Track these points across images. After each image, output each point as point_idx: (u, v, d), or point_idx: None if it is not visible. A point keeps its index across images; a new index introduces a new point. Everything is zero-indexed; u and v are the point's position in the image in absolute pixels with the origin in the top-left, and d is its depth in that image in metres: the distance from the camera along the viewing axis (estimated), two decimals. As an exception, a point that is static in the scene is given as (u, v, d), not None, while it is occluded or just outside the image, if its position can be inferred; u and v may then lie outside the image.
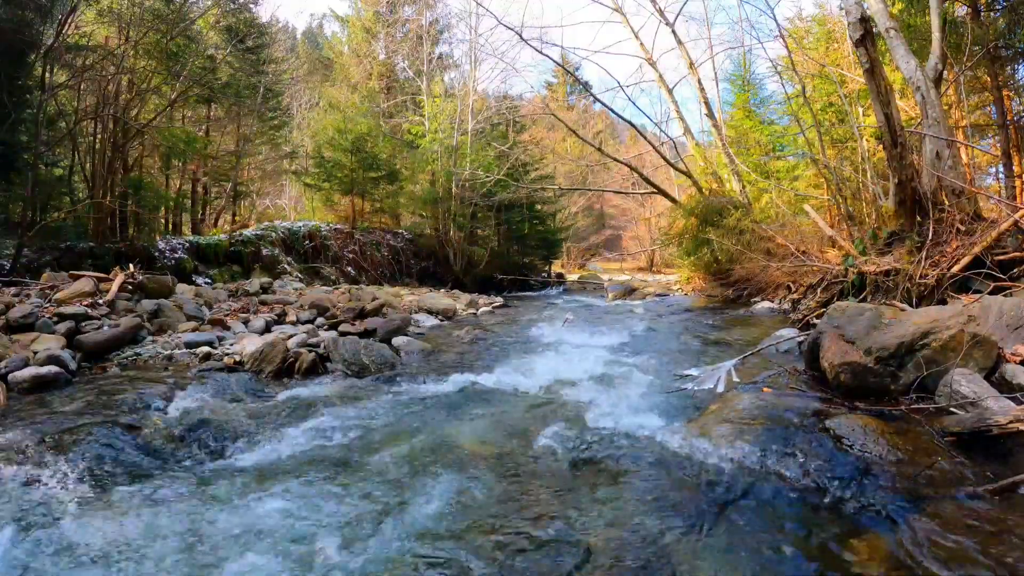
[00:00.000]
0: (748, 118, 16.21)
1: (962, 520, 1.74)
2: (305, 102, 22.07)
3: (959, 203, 5.30)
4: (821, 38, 13.13)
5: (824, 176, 9.25)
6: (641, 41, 12.74)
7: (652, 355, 4.74)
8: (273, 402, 3.39)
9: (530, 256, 17.49)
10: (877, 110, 5.54)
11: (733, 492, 2.04)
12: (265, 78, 14.16)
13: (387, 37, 20.86)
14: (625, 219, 32.12)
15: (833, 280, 6.31)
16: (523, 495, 2.11)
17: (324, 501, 2.07)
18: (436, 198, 14.89)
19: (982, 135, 10.79)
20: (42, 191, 7.93)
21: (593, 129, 28.87)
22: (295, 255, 11.83)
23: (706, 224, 10.64)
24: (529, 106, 21.65)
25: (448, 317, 7.53)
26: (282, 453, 2.60)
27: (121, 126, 8.74)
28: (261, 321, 5.46)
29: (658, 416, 3.02)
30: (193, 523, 1.89)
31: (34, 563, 1.68)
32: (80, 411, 2.97)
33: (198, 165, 12.89)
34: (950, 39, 7.38)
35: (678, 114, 12.89)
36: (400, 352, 4.84)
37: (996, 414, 2.23)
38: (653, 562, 1.65)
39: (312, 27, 35.50)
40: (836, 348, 3.03)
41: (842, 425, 2.35)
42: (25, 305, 4.51)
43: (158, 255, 8.85)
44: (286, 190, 19.79)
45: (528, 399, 3.36)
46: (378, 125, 16.26)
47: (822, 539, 1.75)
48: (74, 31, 8.42)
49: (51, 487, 2.14)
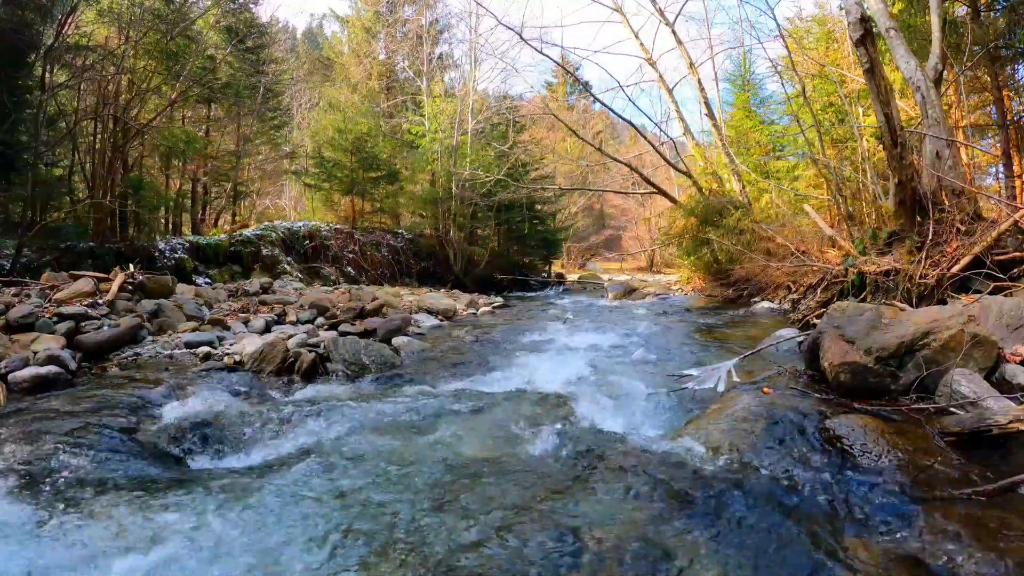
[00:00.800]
0: (748, 118, 16.21)
1: (962, 520, 1.74)
2: (305, 102, 22.08)
3: (959, 203, 5.31)
4: (821, 38, 13.13)
5: (824, 176, 9.25)
6: (641, 41, 12.76)
7: (652, 355, 4.74)
8: (273, 402, 3.39)
9: (530, 256, 17.49)
10: (877, 110, 5.54)
11: (732, 492, 2.03)
12: (265, 78, 14.18)
13: (387, 37, 20.87)
14: (625, 219, 32.14)
15: (833, 280, 6.31)
16: (522, 495, 2.11)
17: (324, 501, 2.07)
18: (436, 198, 14.89)
19: (982, 135, 10.79)
20: (42, 191, 7.93)
21: (593, 129, 28.86)
22: (295, 255, 11.83)
23: (706, 224, 10.64)
24: (529, 106, 21.65)
25: (448, 317, 7.53)
26: (282, 453, 2.60)
27: (121, 126, 8.74)
28: (261, 321, 5.46)
29: (658, 416, 3.02)
30: (192, 523, 1.89)
31: (34, 563, 1.68)
32: (80, 411, 2.97)
33: (198, 165, 12.89)
34: (950, 39, 7.38)
35: (678, 114, 12.90)
36: (400, 352, 4.84)
37: (996, 414, 2.23)
38: (653, 562, 1.65)
39: (312, 27, 35.55)
40: (836, 348, 3.02)
41: (842, 425, 2.35)
42: (25, 305, 4.52)
43: (158, 255, 8.85)
44: (286, 190, 19.80)
45: (528, 399, 3.36)
46: (378, 125, 16.26)
47: (822, 539, 1.75)
48: (74, 31, 8.42)
49: (51, 487, 2.14)
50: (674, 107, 12.85)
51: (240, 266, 10.47)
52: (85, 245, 7.98)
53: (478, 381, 3.90)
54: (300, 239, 12.13)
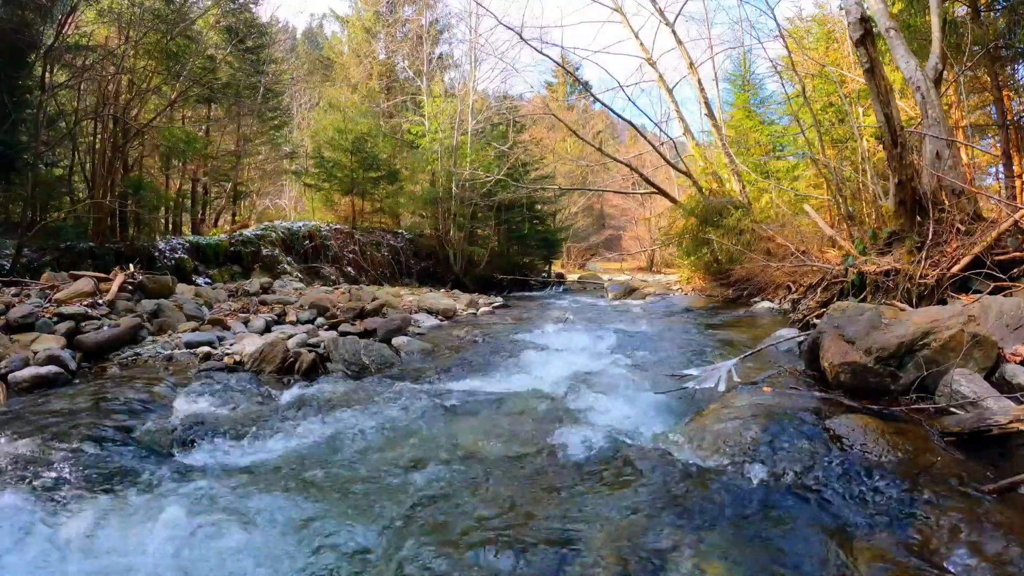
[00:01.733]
0: (748, 118, 16.19)
1: (962, 520, 1.74)
2: (305, 102, 22.07)
3: (959, 203, 5.30)
4: (821, 38, 13.11)
5: (824, 176, 9.25)
6: (641, 41, 12.76)
7: (652, 355, 4.74)
8: (273, 402, 3.39)
9: (530, 256, 17.48)
10: (877, 110, 5.54)
11: (732, 491, 2.04)
12: (265, 78, 14.17)
13: (387, 37, 20.87)
14: (625, 219, 32.12)
15: (833, 280, 6.31)
16: (522, 495, 2.11)
17: (324, 501, 2.07)
18: (436, 198, 14.88)
19: (982, 135, 10.78)
20: (42, 191, 7.93)
21: (593, 129, 28.86)
22: (295, 255, 11.82)
23: (706, 224, 10.64)
24: (529, 106, 21.65)
25: (448, 317, 7.53)
26: (282, 453, 2.60)
27: (121, 126, 8.74)
28: (261, 321, 5.46)
29: (658, 416, 3.02)
30: (192, 522, 1.89)
31: (33, 563, 1.68)
32: (80, 411, 2.97)
33: (198, 165, 12.88)
34: (950, 39, 7.38)
35: (678, 114, 12.90)
36: (400, 352, 4.83)
37: (996, 414, 2.23)
38: (652, 562, 1.65)
39: (312, 27, 35.46)
40: (836, 348, 3.02)
41: (842, 425, 2.35)
42: (25, 305, 4.51)
43: (158, 255, 8.84)
44: (286, 190, 19.77)
45: (527, 400, 3.36)
46: (378, 125, 16.25)
47: (822, 539, 1.75)
48: (74, 31, 8.42)
49: (50, 487, 2.14)
50: (674, 107, 12.85)
51: (240, 266, 10.47)
52: (85, 245, 7.98)
53: (478, 381, 3.90)
54: (300, 239, 12.13)
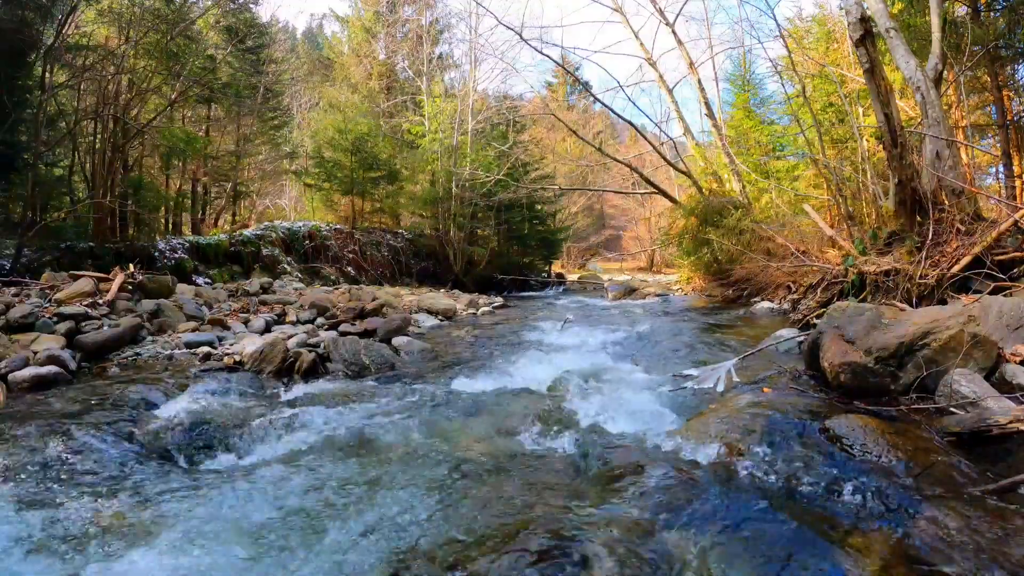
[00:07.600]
0: (748, 118, 16.19)
1: (962, 520, 1.74)
2: (305, 102, 22.05)
3: (959, 203, 5.30)
4: (821, 38, 13.11)
5: (824, 176, 9.24)
6: (641, 41, 12.76)
7: (652, 355, 4.74)
8: (273, 402, 3.39)
9: (530, 256, 17.48)
10: (877, 110, 5.54)
11: (732, 492, 2.03)
12: (265, 78, 14.18)
13: (387, 37, 20.85)
14: (625, 219, 32.12)
15: (833, 280, 6.30)
16: (523, 495, 2.11)
17: (323, 502, 2.07)
18: (436, 198, 14.89)
19: (982, 135, 10.78)
20: (42, 191, 7.93)
21: (593, 129, 28.85)
22: (295, 255, 11.83)
23: (706, 224, 10.63)
24: (529, 106, 21.64)
25: (448, 317, 7.53)
26: (283, 452, 2.60)
27: (121, 126, 8.74)
28: (261, 321, 5.46)
29: (658, 416, 3.02)
30: (191, 521, 1.89)
31: (32, 564, 1.68)
32: (80, 411, 2.97)
33: (198, 165, 12.89)
34: (950, 39, 7.37)
35: (678, 114, 12.89)
36: (400, 352, 4.83)
37: (996, 414, 2.23)
38: (652, 563, 1.65)
39: (312, 27, 35.47)
40: (836, 348, 3.02)
41: (842, 425, 2.35)
42: (25, 305, 4.51)
43: (158, 255, 8.84)
44: (286, 190, 19.77)
45: (527, 400, 3.36)
46: (378, 125, 16.26)
47: (822, 539, 1.75)
48: (74, 31, 8.42)
49: (50, 487, 2.14)
50: (674, 107, 12.85)
51: (240, 266, 10.47)
52: (85, 245, 7.98)
53: (478, 381, 3.90)
54: (300, 239, 12.13)
